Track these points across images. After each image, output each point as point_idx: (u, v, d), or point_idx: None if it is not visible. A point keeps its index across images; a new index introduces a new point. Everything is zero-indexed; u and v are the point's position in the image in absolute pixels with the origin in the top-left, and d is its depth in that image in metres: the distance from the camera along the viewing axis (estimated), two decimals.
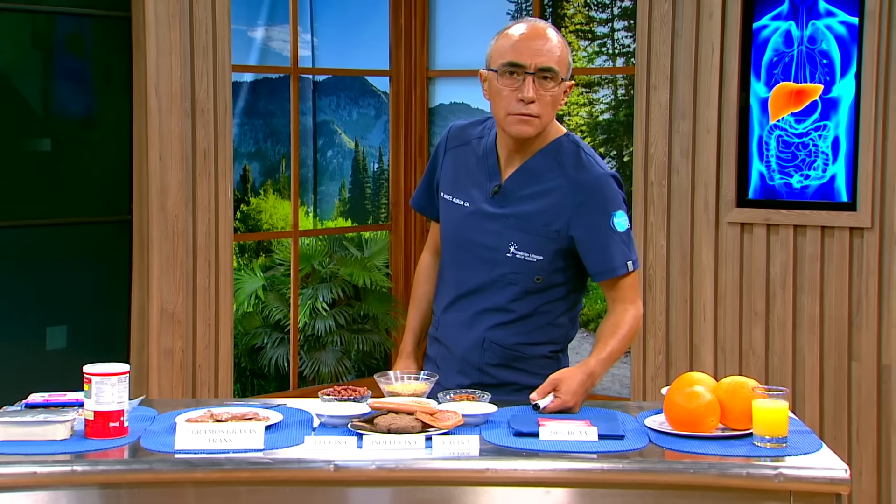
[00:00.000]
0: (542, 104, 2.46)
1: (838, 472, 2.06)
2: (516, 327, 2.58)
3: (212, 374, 4.37)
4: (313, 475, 2.10)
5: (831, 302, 4.08)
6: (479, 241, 2.57)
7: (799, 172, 4.16)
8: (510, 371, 2.60)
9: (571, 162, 2.54)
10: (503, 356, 2.59)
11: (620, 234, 2.50)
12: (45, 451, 2.14)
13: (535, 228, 2.52)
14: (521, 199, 2.53)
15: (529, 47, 2.46)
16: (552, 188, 2.52)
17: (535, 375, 2.55)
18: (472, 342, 2.60)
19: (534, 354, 2.60)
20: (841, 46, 4.03)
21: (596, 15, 4.87)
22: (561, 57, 2.48)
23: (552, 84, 2.46)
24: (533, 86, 2.44)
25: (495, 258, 2.55)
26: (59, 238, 4.21)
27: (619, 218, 2.51)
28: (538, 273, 2.54)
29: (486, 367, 2.60)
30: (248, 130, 5.01)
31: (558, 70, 2.46)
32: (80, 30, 4.26)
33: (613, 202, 2.51)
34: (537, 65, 2.45)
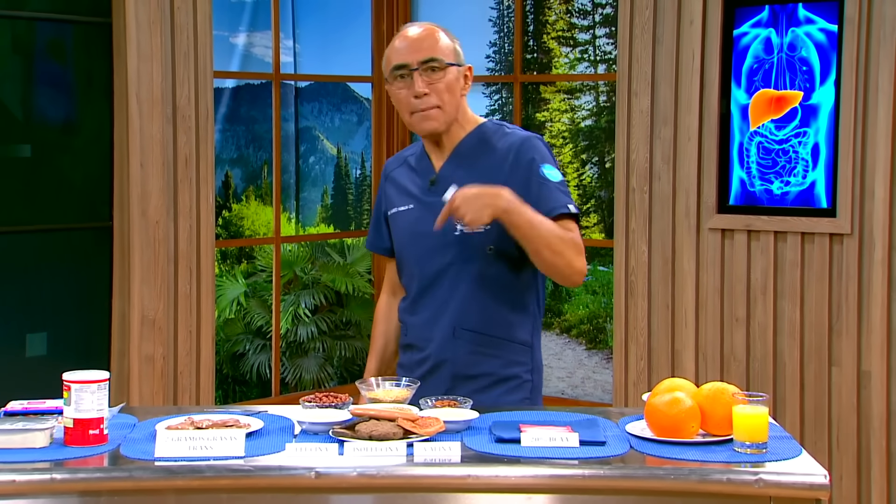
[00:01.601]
0: (437, 93, 2.56)
1: (818, 478, 2.07)
2: (482, 308, 2.58)
3: (193, 380, 4.35)
4: (294, 482, 2.09)
5: (811, 308, 4.10)
6: (426, 230, 2.58)
7: (779, 179, 4.18)
8: (484, 359, 2.59)
9: (497, 137, 2.63)
10: (475, 342, 2.59)
11: (555, 183, 2.55)
12: (24, 459, 2.12)
13: None
14: (457, 178, 2.57)
15: (408, 47, 2.58)
16: (486, 163, 2.59)
17: (511, 363, 2.59)
18: (443, 334, 2.61)
19: (506, 338, 2.60)
20: (820, 53, 4.06)
21: (578, 22, 4.89)
22: (440, 45, 2.58)
23: (440, 73, 2.56)
24: (421, 80, 2.55)
25: (445, 242, 2.58)
26: (40, 244, 4.19)
27: (549, 170, 2.56)
28: (488, 243, 2.56)
29: (458, 355, 2.60)
30: (230, 136, 5.00)
31: (441, 57, 2.56)
32: (61, 35, 4.25)
33: (540, 156, 2.57)
34: (418, 59, 2.55)
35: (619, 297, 4.49)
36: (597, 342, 4.90)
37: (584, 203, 4.91)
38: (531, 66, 5.01)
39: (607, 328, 4.83)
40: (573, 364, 4.96)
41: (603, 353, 4.88)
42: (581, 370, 4.95)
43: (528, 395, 2.62)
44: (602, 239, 4.85)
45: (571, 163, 4.93)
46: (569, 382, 4.98)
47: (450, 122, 2.60)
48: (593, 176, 4.89)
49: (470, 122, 2.65)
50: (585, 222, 4.91)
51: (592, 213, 4.90)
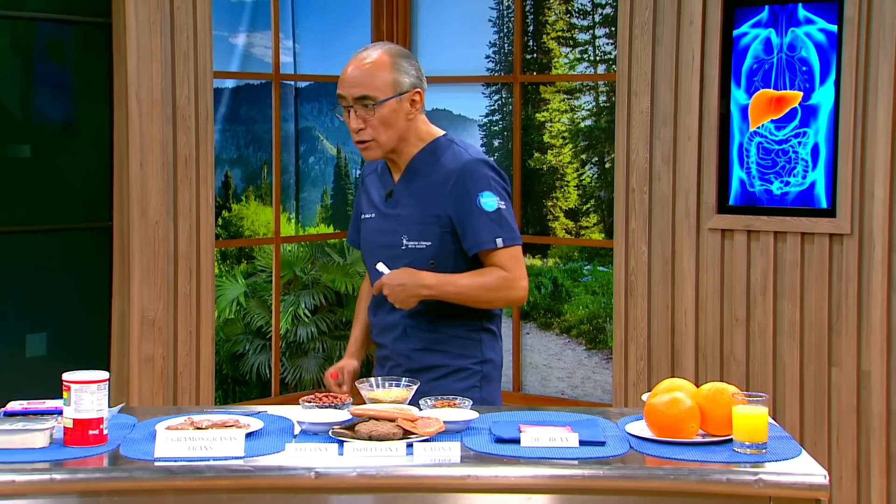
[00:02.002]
0: (372, 128, 2.68)
1: (817, 478, 2.07)
2: (430, 311, 2.73)
3: (193, 381, 4.35)
4: (294, 482, 2.10)
5: (811, 308, 4.10)
6: (380, 241, 2.79)
7: (779, 179, 4.18)
8: (434, 354, 2.74)
9: (446, 155, 2.75)
10: (425, 340, 2.75)
11: (488, 213, 2.67)
12: (24, 459, 2.13)
13: (419, 217, 2.71)
14: (408, 196, 2.75)
15: (345, 80, 2.70)
16: (432, 181, 2.72)
17: (459, 356, 2.74)
18: (397, 334, 2.78)
19: (453, 335, 2.75)
20: (820, 54, 4.06)
21: (577, 22, 4.89)
22: (377, 81, 2.67)
23: (373, 110, 2.66)
24: (356, 116, 2.68)
25: (394, 253, 2.74)
26: (39, 245, 4.19)
27: (486, 198, 2.68)
28: (431, 258, 2.71)
29: (411, 353, 2.76)
30: (230, 137, 5.00)
31: (373, 94, 2.66)
32: (61, 36, 4.25)
33: (479, 183, 2.69)
34: (352, 95, 2.68)
35: (618, 298, 4.49)
36: (597, 342, 4.91)
37: (583, 203, 4.91)
38: (531, 67, 5.01)
39: (607, 328, 4.83)
40: (573, 364, 4.96)
41: (603, 353, 4.88)
42: (581, 370, 4.95)
43: (477, 384, 2.76)
44: (602, 239, 4.85)
45: (571, 163, 4.93)
46: (568, 383, 4.98)
47: (388, 150, 2.73)
48: (593, 176, 4.89)
49: (424, 138, 2.76)
50: (585, 222, 4.91)
51: (592, 213, 4.90)
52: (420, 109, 2.74)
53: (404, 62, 2.72)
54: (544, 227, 5.01)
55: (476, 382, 2.75)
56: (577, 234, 4.93)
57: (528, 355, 5.07)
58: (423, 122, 2.78)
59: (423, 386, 2.62)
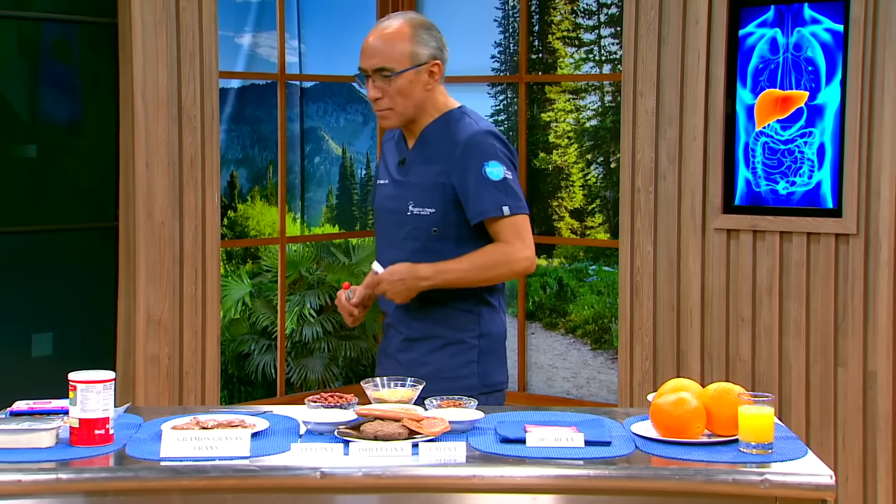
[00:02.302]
0: (390, 97, 2.73)
1: (823, 478, 2.07)
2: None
3: (198, 381, 4.36)
4: (300, 482, 2.10)
5: (817, 308, 4.10)
6: (389, 206, 2.84)
7: (785, 179, 4.17)
8: (431, 324, 2.77)
9: (457, 126, 2.79)
10: (424, 310, 2.77)
11: (494, 182, 2.69)
12: (30, 458, 2.13)
13: (425, 185, 2.75)
14: (418, 164, 2.80)
15: (365, 51, 2.76)
16: (441, 150, 2.76)
17: (458, 329, 2.76)
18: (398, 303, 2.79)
19: (451, 307, 2.76)
20: (826, 53, 4.05)
21: (583, 22, 4.88)
22: (395, 52, 2.72)
23: (390, 80, 2.72)
24: (374, 85, 2.74)
25: (400, 219, 2.79)
26: (45, 245, 4.20)
27: (492, 167, 2.71)
28: (434, 225, 2.75)
29: (410, 322, 2.80)
30: (236, 137, 5.00)
31: (391, 66, 2.71)
32: (67, 36, 4.25)
33: (486, 153, 2.72)
34: (371, 66, 2.74)
35: (624, 298, 4.49)
36: (602, 342, 4.90)
37: (589, 203, 4.90)
38: (536, 67, 5.01)
39: (612, 328, 4.83)
40: (578, 364, 4.96)
41: (608, 353, 4.88)
42: (586, 370, 4.95)
43: (474, 359, 2.77)
44: (607, 239, 4.84)
45: (577, 163, 4.93)
46: (574, 383, 4.97)
47: (405, 120, 2.78)
48: (598, 176, 4.89)
49: (440, 109, 2.81)
50: (591, 222, 4.91)
51: (597, 213, 4.89)
52: (438, 80, 2.77)
53: (424, 33, 2.76)
54: (549, 227, 5.01)
55: (473, 357, 2.77)
56: (583, 234, 4.93)
57: (534, 355, 5.06)
58: (441, 94, 2.81)
59: (421, 357, 2.69)
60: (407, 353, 2.80)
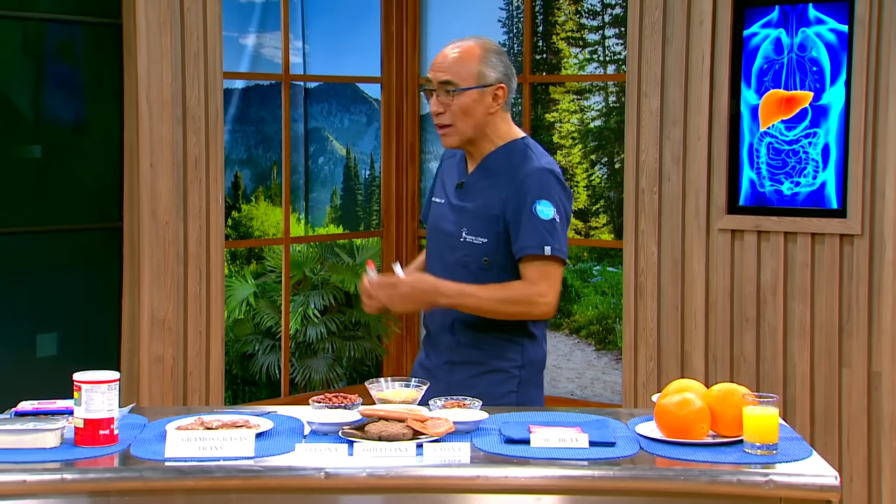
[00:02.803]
0: (451, 114, 2.73)
1: (828, 479, 2.07)
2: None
3: (203, 381, 4.36)
4: (304, 483, 2.10)
5: (822, 309, 4.09)
6: (444, 229, 2.83)
7: (789, 179, 4.17)
8: (476, 351, 2.76)
9: (519, 158, 2.77)
10: (469, 336, 2.76)
11: (542, 221, 2.68)
12: (35, 459, 2.13)
13: (480, 214, 2.74)
14: (477, 191, 2.78)
15: (434, 65, 2.77)
16: (500, 180, 2.75)
17: (499, 357, 2.75)
18: (446, 324, 2.80)
19: (496, 336, 2.75)
20: (831, 54, 4.05)
21: (587, 22, 4.88)
22: (463, 69, 2.72)
23: (454, 96, 2.72)
24: (436, 99, 2.75)
25: (454, 244, 2.79)
26: (50, 245, 4.20)
27: (543, 206, 2.69)
28: (485, 255, 2.74)
29: (455, 346, 2.78)
30: (240, 137, 5.01)
31: (456, 81, 2.71)
32: (71, 37, 4.26)
33: (541, 191, 2.71)
34: (437, 79, 2.74)
35: (628, 298, 4.49)
36: (606, 343, 4.90)
37: (593, 203, 4.90)
38: (540, 67, 5.01)
39: (616, 329, 4.83)
40: (582, 365, 4.96)
41: (612, 353, 4.87)
42: (590, 371, 4.94)
43: (514, 389, 2.77)
44: (611, 240, 4.84)
45: (581, 163, 4.93)
46: (578, 383, 4.97)
47: (465, 140, 2.76)
48: (602, 176, 4.89)
49: (503, 137, 2.79)
50: (595, 223, 4.90)
51: (602, 213, 4.89)
52: (503, 106, 2.77)
53: (494, 57, 2.76)
54: None
55: (514, 387, 2.76)
56: (587, 235, 4.93)
57: None
58: (505, 121, 2.80)
59: (464, 380, 2.70)
60: (449, 374, 2.78)
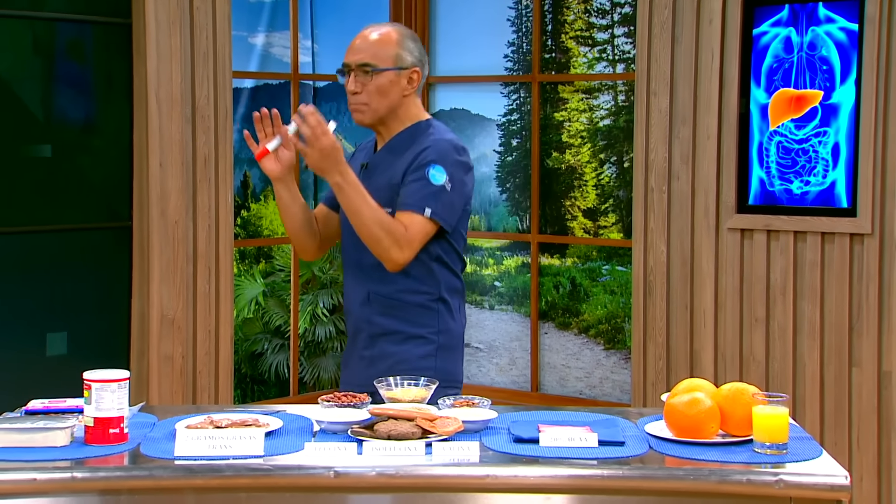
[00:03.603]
0: (367, 93, 2.84)
1: (839, 479, 2.06)
2: (391, 276, 2.83)
3: (212, 380, 4.37)
4: (313, 482, 2.10)
5: (832, 308, 4.08)
6: None
7: (799, 178, 4.16)
8: (393, 320, 2.85)
9: (422, 135, 2.89)
10: (385, 305, 2.86)
11: (431, 185, 2.77)
12: (45, 457, 2.14)
13: (385, 185, 2.83)
14: (382, 168, 2.89)
15: (350, 48, 2.90)
16: (404, 155, 2.85)
17: (417, 324, 2.85)
18: (361, 298, 2.89)
19: (412, 302, 2.85)
20: (841, 53, 4.04)
21: (596, 21, 4.88)
22: (379, 51, 2.85)
23: (371, 76, 2.83)
24: (354, 80, 2.86)
25: None
26: (60, 244, 4.21)
27: (436, 171, 2.78)
28: None
29: (372, 317, 2.87)
30: None
31: (373, 63, 2.84)
32: (81, 36, 4.27)
33: (437, 158, 2.80)
34: (355, 62, 2.86)
35: (637, 297, 4.48)
36: (615, 342, 4.89)
37: (602, 202, 4.90)
38: (549, 66, 5.00)
39: (625, 328, 4.82)
40: (591, 364, 4.95)
41: (621, 353, 4.87)
42: (599, 370, 4.94)
43: (432, 353, 2.85)
44: (620, 239, 4.84)
45: (590, 162, 4.92)
46: (587, 382, 4.97)
47: (377, 119, 2.88)
48: (612, 176, 4.88)
49: (411, 118, 2.91)
50: (604, 222, 4.90)
51: (611, 212, 4.89)
52: (416, 89, 2.89)
53: (410, 42, 2.89)
54: (562, 226, 5.00)
55: (432, 351, 2.85)
56: (596, 234, 4.92)
57: (546, 355, 5.06)
58: (415, 105, 2.91)
59: (382, 349, 2.79)
60: (370, 349, 2.87)
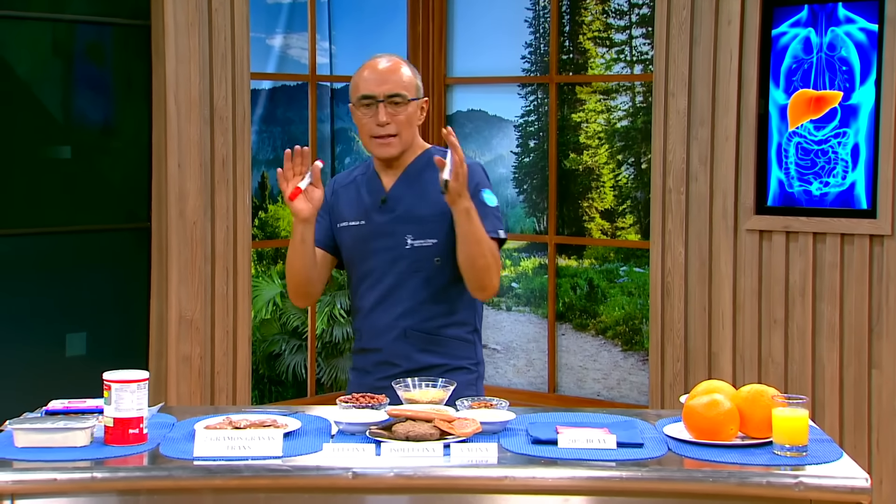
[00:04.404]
0: (398, 124, 2.79)
1: (859, 481, 2.05)
2: (431, 311, 2.79)
3: (230, 380, 4.38)
4: (332, 482, 2.10)
5: (851, 310, 4.06)
6: (379, 246, 2.82)
7: (818, 180, 4.14)
8: (434, 355, 2.79)
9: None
10: (425, 341, 2.79)
11: (491, 208, 2.78)
12: (65, 457, 2.15)
13: (428, 216, 2.78)
14: (407, 197, 2.82)
15: (376, 79, 2.82)
16: (430, 181, 2.78)
17: (457, 357, 2.81)
18: (395, 335, 2.80)
19: (452, 336, 2.81)
20: (860, 53, 4.02)
21: (614, 22, 4.87)
22: (404, 81, 2.81)
23: (402, 107, 2.79)
24: (385, 111, 2.78)
25: (396, 255, 2.80)
26: (79, 245, 4.23)
27: (487, 194, 2.80)
28: (436, 255, 2.78)
29: (411, 353, 2.79)
30: (267, 138, 5.02)
31: (404, 93, 2.79)
32: (101, 38, 4.29)
33: (482, 181, 2.81)
34: (384, 92, 2.79)
35: (655, 299, 4.47)
36: (633, 344, 4.88)
37: (620, 204, 4.89)
38: (567, 67, 5.00)
39: (643, 330, 4.81)
40: (609, 366, 4.95)
41: (639, 354, 4.86)
42: (617, 372, 4.93)
43: (473, 383, 2.83)
44: (638, 240, 4.83)
45: (607, 163, 4.91)
46: (604, 384, 4.96)
47: (405, 149, 2.82)
48: (629, 177, 4.87)
49: (419, 147, 2.88)
50: (621, 223, 4.89)
51: (628, 213, 4.88)
52: (422, 120, 2.87)
53: (417, 71, 2.89)
54: (580, 227, 4.99)
55: (473, 381, 2.83)
56: (613, 235, 4.91)
57: (564, 356, 5.05)
58: (417, 133, 2.89)
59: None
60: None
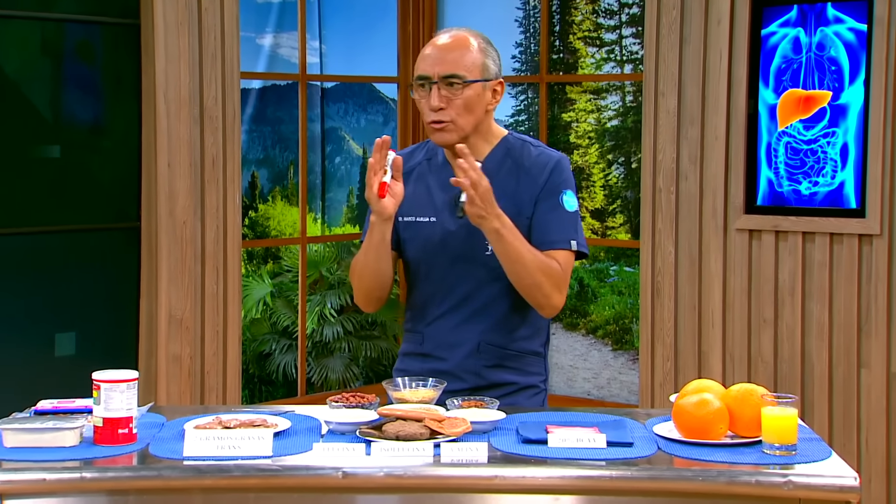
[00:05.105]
0: (454, 109, 2.53)
1: (848, 480, 2.06)
2: (509, 324, 2.62)
3: (220, 380, 4.37)
4: (321, 482, 2.10)
5: (840, 309, 4.07)
6: (454, 251, 2.60)
7: (807, 179, 4.15)
8: (504, 371, 2.64)
9: (523, 153, 2.62)
10: (497, 356, 2.63)
11: (568, 213, 2.57)
12: (54, 457, 2.14)
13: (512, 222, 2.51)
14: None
15: (432, 59, 2.56)
16: (512, 182, 2.58)
17: (528, 374, 2.66)
18: (467, 349, 2.63)
19: (525, 351, 2.65)
20: (849, 53, 4.03)
21: (604, 22, 4.87)
22: (465, 60, 2.55)
23: (459, 89, 2.53)
24: (438, 94, 2.53)
25: (473, 262, 2.59)
26: (68, 245, 4.22)
27: (569, 197, 2.58)
28: None
29: (481, 370, 2.63)
30: (257, 137, 5.02)
31: (462, 74, 2.53)
32: (90, 37, 4.28)
33: (566, 181, 2.60)
34: (439, 73, 2.53)
35: (645, 298, 4.48)
36: (623, 343, 4.89)
37: (610, 203, 4.89)
38: (557, 67, 5.00)
39: (633, 329, 4.82)
40: (599, 365, 4.95)
41: (629, 353, 4.87)
42: (607, 371, 4.94)
43: (541, 403, 2.69)
44: (628, 239, 4.83)
45: (598, 163, 4.92)
46: (595, 383, 4.97)
47: (464, 137, 2.56)
48: (619, 176, 4.88)
49: (494, 135, 2.63)
50: (611, 222, 4.90)
51: (618, 213, 4.88)
52: (498, 103, 2.61)
53: (491, 49, 2.61)
54: None
55: (540, 402, 2.68)
56: (604, 235, 4.92)
57: (554, 356, 5.06)
58: (492, 119, 2.64)
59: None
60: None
